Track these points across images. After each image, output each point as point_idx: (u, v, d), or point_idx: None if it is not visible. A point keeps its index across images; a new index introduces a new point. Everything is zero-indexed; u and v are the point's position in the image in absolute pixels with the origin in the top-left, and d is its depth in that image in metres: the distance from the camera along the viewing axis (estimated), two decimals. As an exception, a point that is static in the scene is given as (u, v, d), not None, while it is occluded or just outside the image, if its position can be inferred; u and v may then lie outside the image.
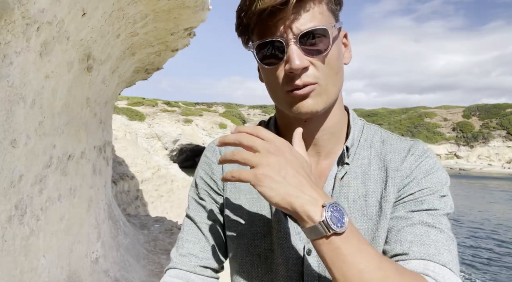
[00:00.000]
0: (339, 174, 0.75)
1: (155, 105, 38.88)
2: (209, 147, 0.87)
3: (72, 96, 2.71)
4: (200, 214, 0.82)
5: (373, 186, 0.73)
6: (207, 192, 0.83)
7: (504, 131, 47.18)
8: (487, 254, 13.48)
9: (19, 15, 1.58)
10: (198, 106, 50.59)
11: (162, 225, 6.85)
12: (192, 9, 3.52)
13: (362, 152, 0.77)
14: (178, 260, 0.79)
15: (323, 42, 0.67)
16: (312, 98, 0.68)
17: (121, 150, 10.38)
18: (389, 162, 0.74)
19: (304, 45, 0.66)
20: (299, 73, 0.66)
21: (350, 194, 0.73)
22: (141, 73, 5.80)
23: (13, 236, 1.85)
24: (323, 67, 0.68)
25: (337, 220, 0.55)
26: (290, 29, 0.65)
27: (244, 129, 0.64)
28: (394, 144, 0.77)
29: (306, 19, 0.66)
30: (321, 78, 0.68)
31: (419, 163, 0.72)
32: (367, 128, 0.81)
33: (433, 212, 0.67)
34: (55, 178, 2.49)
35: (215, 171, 0.83)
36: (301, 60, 0.65)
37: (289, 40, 0.66)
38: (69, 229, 2.84)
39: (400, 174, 0.72)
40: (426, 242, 0.64)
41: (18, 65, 1.69)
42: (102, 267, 3.70)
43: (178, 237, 0.83)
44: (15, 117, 1.75)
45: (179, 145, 33.72)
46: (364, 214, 0.72)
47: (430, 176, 0.71)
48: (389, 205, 0.71)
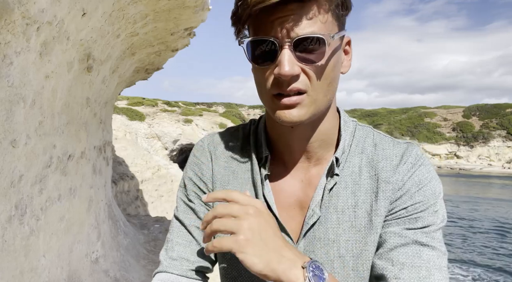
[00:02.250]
0: (328, 185, 0.72)
1: (155, 105, 38.88)
2: (198, 146, 0.85)
3: (72, 96, 2.72)
4: (189, 217, 0.80)
5: (363, 197, 0.71)
6: (196, 193, 0.81)
7: (504, 131, 47.18)
8: (488, 254, 13.48)
9: (19, 15, 1.58)
10: (198, 106, 50.61)
11: (162, 225, 6.85)
12: (192, 9, 3.52)
13: (353, 159, 0.74)
14: (168, 263, 0.77)
15: (319, 52, 0.62)
16: (298, 109, 0.64)
17: (121, 150, 10.38)
18: (380, 170, 0.72)
19: (298, 51, 0.61)
20: (288, 79, 0.62)
21: (339, 204, 0.71)
22: (141, 73, 5.79)
23: (13, 236, 1.85)
24: (315, 77, 0.63)
25: (319, 278, 0.56)
26: (286, 31, 0.60)
27: (215, 195, 0.63)
28: (387, 149, 0.74)
29: (305, 23, 0.60)
30: (311, 88, 0.64)
31: (411, 174, 0.70)
32: (359, 130, 0.78)
33: (427, 229, 0.67)
34: (55, 178, 2.49)
35: (204, 171, 0.81)
36: (292, 67, 0.61)
37: (284, 43, 0.61)
38: (69, 229, 2.84)
39: (391, 187, 0.70)
40: (417, 263, 0.64)
41: (18, 65, 1.69)
42: (102, 267, 3.70)
43: (167, 239, 0.81)
44: (15, 117, 1.75)
45: (179, 145, 33.70)
46: (353, 225, 0.71)
47: (424, 188, 0.69)
48: (380, 219, 0.69)
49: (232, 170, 0.80)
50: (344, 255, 0.70)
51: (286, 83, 0.63)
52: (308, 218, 0.72)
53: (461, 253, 13.43)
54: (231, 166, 0.80)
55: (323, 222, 0.72)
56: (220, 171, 0.80)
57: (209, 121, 38.15)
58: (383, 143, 0.75)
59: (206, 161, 0.81)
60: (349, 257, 0.70)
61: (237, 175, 0.79)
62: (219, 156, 0.81)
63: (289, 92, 0.63)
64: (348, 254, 0.70)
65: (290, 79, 0.62)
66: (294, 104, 0.64)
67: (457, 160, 48.33)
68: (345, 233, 0.70)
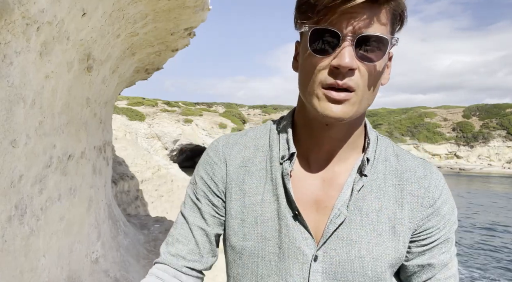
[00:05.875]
0: (356, 185, 0.74)
1: (155, 105, 38.87)
2: (212, 146, 0.85)
3: (72, 96, 2.72)
4: (193, 215, 0.81)
5: (386, 203, 0.74)
6: (205, 193, 0.81)
7: (504, 131, 47.16)
8: (490, 254, 13.49)
9: (19, 15, 1.58)
10: (198, 106, 50.58)
11: (162, 225, 6.85)
12: (192, 9, 3.52)
13: (378, 165, 0.76)
14: (166, 257, 0.80)
15: (378, 52, 0.65)
16: (344, 105, 0.66)
17: (121, 150, 10.38)
18: (405, 181, 0.75)
19: (359, 48, 0.64)
20: (344, 72, 0.64)
21: (364, 206, 0.74)
22: (141, 73, 5.79)
23: (13, 236, 1.85)
24: (367, 77, 0.66)
25: None
26: (352, 27, 0.63)
27: None
28: (408, 161, 0.78)
29: (370, 24, 0.63)
30: (361, 87, 0.66)
31: (440, 193, 0.75)
32: (380, 140, 0.81)
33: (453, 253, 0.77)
34: (55, 178, 2.49)
35: (216, 172, 0.81)
36: (352, 60, 0.63)
37: (347, 36, 0.63)
38: (69, 229, 2.84)
39: (419, 201, 0.74)
40: (448, 274, 0.74)
41: (18, 65, 1.69)
42: (102, 267, 3.70)
43: (170, 232, 0.84)
44: (15, 117, 1.75)
45: (179, 145, 33.69)
46: (375, 229, 0.73)
47: (449, 207, 0.76)
48: (404, 229, 0.73)
49: (247, 169, 0.80)
50: (365, 256, 0.72)
51: (341, 76, 0.64)
52: (335, 217, 0.73)
53: (461, 254, 13.45)
54: (246, 165, 0.81)
55: (347, 222, 0.73)
56: (235, 171, 0.80)
57: (209, 121, 38.14)
58: (403, 155, 0.79)
59: (219, 162, 0.82)
60: (369, 258, 0.72)
61: (253, 174, 0.79)
62: (234, 156, 0.82)
63: (341, 86, 0.65)
64: (368, 256, 0.72)
65: (346, 73, 0.64)
66: (342, 100, 0.66)
67: (457, 160, 48.32)
68: (367, 235, 0.73)
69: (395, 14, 0.66)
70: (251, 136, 0.84)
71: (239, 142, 0.84)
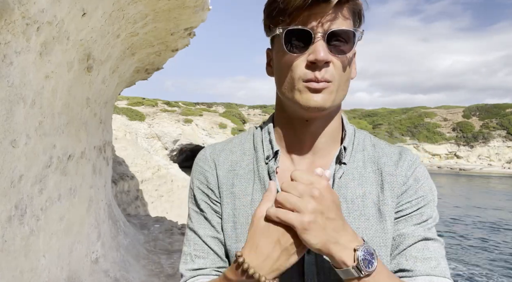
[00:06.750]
0: (337, 174, 0.78)
1: (155, 105, 38.87)
2: (200, 155, 0.88)
3: (72, 96, 2.72)
4: (202, 226, 0.82)
5: (369, 188, 0.78)
6: (206, 202, 0.83)
7: (504, 131, 47.17)
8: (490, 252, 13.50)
9: (19, 15, 1.58)
10: (198, 106, 50.57)
11: (162, 225, 6.86)
12: (192, 9, 3.52)
13: (357, 154, 0.81)
14: (191, 274, 0.79)
15: (348, 45, 0.72)
16: (324, 94, 0.72)
17: (121, 150, 10.39)
18: (383, 165, 0.79)
19: (330, 43, 0.71)
20: (320, 66, 0.70)
21: (348, 194, 0.77)
22: (141, 73, 5.80)
23: (13, 236, 1.85)
24: (340, 69, 0.73)
25: (368, 262, 0.62)
26: (321, 25, 0.70)
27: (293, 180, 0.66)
28: (385, 148, 0.83)
29: (338, 20, 0.71)
30: (336, 78, 0.72)
31: (413, 170, 0.78)
32: (358, 132, 0.86)
33: (429, 224, 0.76)
34: (55, 178, 2.49)
35: (209, 179, 0.83)
36: (326, 54, 0.70)
37: (318, 33, 0.70)
38: (69, 229, 2.84)
39: (396, 180, 0.78)
40: (427, 255, 0.73)
41: (18, 65, 1.69)
42: (102, 267, 3.70)
43: (184, 252, 0.83)
44: (15, 117, 1.75)
45: (179, 145, 33.70)
46: (362, 214, 0.76)
47: (424, 184, 0.78)
48: (388, 208, 0.76)
49: (236, 172, 0.83)
50: None
51: (319, 69, 0.71)
52: None
53: (462, 254, 13.45)
54: (235, 168, 0.84)
55: None
56: (225, 175, 0.83)
57: (209, 121, 38.15)
58: (380, 144, 0.85)
59: (210, 169, 0.84)
60: None
61: (241, 177, 0.82)
62: (223, 161, 0.85)
63: (320, 80, 0.71)
64: None
65: (322, 66, 0.71)
66: (321, 89, 0.72)
67: (457, 160, 48.32)
68: (355, 221, 0.75)
69: (354, 12, 0.75)
70: (236, 142, 0.89)
71: (226, 148, 0.87)
